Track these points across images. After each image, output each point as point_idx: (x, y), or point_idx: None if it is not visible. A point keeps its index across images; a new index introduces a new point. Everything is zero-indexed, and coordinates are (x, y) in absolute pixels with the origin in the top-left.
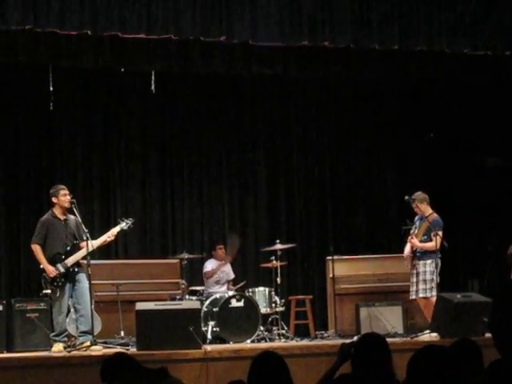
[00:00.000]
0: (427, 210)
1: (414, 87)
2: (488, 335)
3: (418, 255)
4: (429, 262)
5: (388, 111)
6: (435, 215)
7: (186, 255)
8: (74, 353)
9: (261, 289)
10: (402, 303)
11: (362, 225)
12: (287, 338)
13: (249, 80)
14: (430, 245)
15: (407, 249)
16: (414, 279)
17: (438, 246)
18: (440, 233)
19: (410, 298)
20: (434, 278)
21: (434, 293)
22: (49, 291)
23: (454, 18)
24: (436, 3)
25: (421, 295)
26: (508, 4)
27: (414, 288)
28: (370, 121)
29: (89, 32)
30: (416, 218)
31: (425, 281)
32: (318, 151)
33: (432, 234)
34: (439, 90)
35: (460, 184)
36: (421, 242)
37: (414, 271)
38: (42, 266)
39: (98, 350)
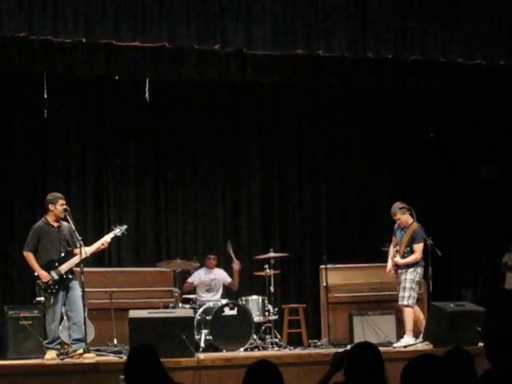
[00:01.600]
0: (409, 219)
1: (408, 96)
2: (481, 344)
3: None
4: (410, 270)
5: (382, 121)
6: (417, 224)
7: (179, 261)
8: (67, 360)
9: (254, 297)
10: (395, 312)
11: (356, 233)
12: (280, 346)
13: (243, 88)
14: (413, 258)
15: (389, 265)
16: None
17: (421, 257)
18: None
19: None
20: (414, 286)
21: (411, 301)
22: (42, 298)
23: (449, 28)
24: (430, 13)
25: (399, 302)
26: (502, 13)
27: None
28: (365, 130)
29: (83, 40)
30: (395, 227)
31: (404, 288)
32: (312, 159)
33: (422, 244)
34: (433, 99)
35: (454, 193)
36: (403, 255)
37: (398, 279)
38: (35, 274)
39: (90, 358)
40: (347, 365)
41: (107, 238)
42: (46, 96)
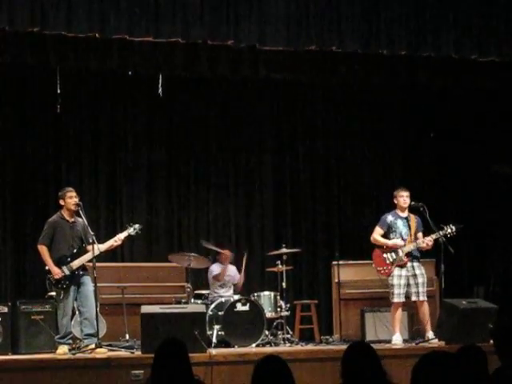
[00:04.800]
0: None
1: (421, 92)
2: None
3: (414, 256)
4: (420, 264)
5: (396, 117)
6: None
7: (191, 254)
8: (79, 355)
9: (266, 293)
10: (408, 309)
11: (368, 230)
12: (292, 342)
13: (256, 84)
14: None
15: (400, 241)
16: (413, 281)
17: None
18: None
19: (412, 299)
20: None
21: None
22: (54, 293)
23: (462, 24)
24: (444, 9)
25: (422, 298)
26: None
27: (416, 289)
28: (378, 126)
29: (96, 35)
30: (391, 218)
31: (423, 284)
32: (325, 155)
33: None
34: (446, 95)
35: (466, 190)
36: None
37: (406, 272)
38: (47, 268)
39: (102, 353)
40: (342, 367)
41: (121, 236)
42: (58, 91)
